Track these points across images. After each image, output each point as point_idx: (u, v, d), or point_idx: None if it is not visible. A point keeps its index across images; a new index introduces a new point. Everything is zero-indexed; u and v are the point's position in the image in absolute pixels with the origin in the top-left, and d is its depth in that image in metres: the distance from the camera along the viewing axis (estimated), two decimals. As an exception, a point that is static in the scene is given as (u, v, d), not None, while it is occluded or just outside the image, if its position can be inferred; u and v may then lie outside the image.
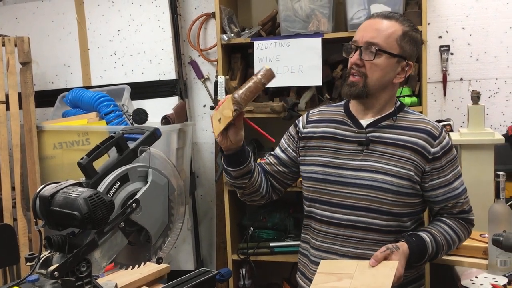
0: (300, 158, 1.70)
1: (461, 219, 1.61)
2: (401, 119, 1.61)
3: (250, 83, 1.47)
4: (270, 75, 1.49)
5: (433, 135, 1.56)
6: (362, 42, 1.56)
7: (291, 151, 1.73)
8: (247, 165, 1.60)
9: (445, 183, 1.57)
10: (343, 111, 1.68)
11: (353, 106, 1.67)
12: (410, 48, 1.58)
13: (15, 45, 2.73)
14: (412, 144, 1.56)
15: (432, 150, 1.55)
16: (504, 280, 1.55)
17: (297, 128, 1.74)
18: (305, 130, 1.71)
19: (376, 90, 1.58)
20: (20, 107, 2.72)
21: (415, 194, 1.57)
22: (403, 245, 1.49)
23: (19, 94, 2.73)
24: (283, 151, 1.75)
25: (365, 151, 1.58)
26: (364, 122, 1.62)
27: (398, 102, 1.66)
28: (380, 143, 1.58)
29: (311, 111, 1.77)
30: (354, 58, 1.56)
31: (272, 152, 1.80)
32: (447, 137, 1.59)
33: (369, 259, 1.54)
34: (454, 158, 1.59)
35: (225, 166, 1.63)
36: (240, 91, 1.46)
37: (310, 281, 1.64)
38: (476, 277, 1.64)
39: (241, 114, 1.48)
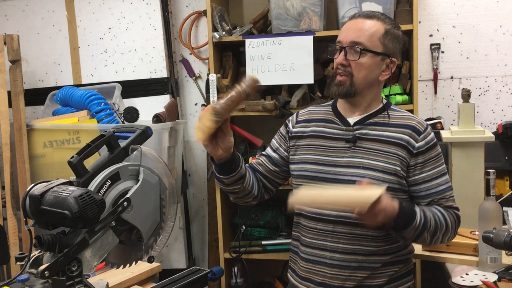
0: (290, 157, 1.72)
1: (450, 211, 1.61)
2: (386, 116, 1.64)
3: (233, 93, 1.47)
4: (254, 83, 1.49)
5: (418, 130, 1.59)
6: (346, 43, 1.58)
7: (282, 150, 1.75)
8: (239, 171, 1.60)
9: (427, 178, 1.58)
10: (331, 110, 1.71)
11: (341, 105, 1.69)
12: (393, 46, 1.62)
13: (4, 43, 2.71)
14: (397, 139, 1.58)
15: (417, 144, 1.57)
16: (494, 277, 1.57)
17: (287, 128, 1.76)
18: (295, 129, 1.73)
19: (363, 88, 1.60)
20: (10, 105, 2.70)
21: (402, 189, 1.59)
22: (394, 201, 1.46)
23: (9, 93, 2.71)
24: (274, 151, 1.77)
25: (352, 148, 1.60)
26: (352, 120, 1.64)
27: (385, 100, 1.69)
28: (366, 139, 1.60)
29: (300, 112, 1.79)
30: (339, 58, 1.59)
31: (263, 152, 1.80)
32: (432, 133, 1.62)
33: (359, 254, 1.58)
34: (437, 155, 1.61)
35: (217, 175, 1.63)
36: (222, 101, 1.46)
37: (301, 278, 1.66)
38: (467, 274, 1.65)
39: (227, 120, 1.48)
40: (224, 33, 2.61)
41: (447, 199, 1.60)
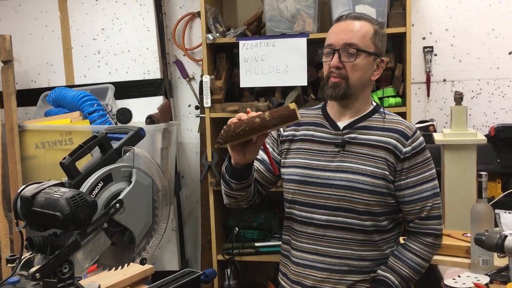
0: (282, 160, 1.72)
1: (427, 236, 1.61)
2: (376, 120, 1.64)
3: (257, 119, 1.36)
4: (287, 117, 1.36)
5: (406, 135, 1.59)
6: (339, 45, 1.58)
7: (276, 154, 1.74)
8: (250, 179, 1.59)
9: (411, 184, 1.58)
10: (321, 113, 1.71)
11: (331, 108, 1.69)
12: (382, 45, 1.64)
13: (-3, 43, 2.69)
14: (385, 143, 1.58)
15: (404, 150, 1.57)
16: (486, 279, 1.57)
17: (279, 132, 1.75)
18: (286, 133, 1.72)
19: (357, 89, 1.61)
20: (2, 106, 2.69)
21: (390, 194, 1.59)
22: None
23: (1, 93, 2.69)
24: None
25: (341, 152, 1.60)
26: (341, 124, 1.64)
27: (374, 102, 1.69)
28: (355, 144, 1.60)
29: None
30: (334, 61, 1.58)
31: (258, 157, 1.75)
32: (420, 138, 1.61)
33: (350, 258, 1.58)
34: (424, 161, 1.60)
35: (227, 177, 1.59)
36: (239, 125, 1.36)
37: (292, 281, 1.66)
38: (459, 276, 1.66)
39: (265, 135, 1.44)
40: (218, 34, 2.60)
41: (431, 206, 1.60)
